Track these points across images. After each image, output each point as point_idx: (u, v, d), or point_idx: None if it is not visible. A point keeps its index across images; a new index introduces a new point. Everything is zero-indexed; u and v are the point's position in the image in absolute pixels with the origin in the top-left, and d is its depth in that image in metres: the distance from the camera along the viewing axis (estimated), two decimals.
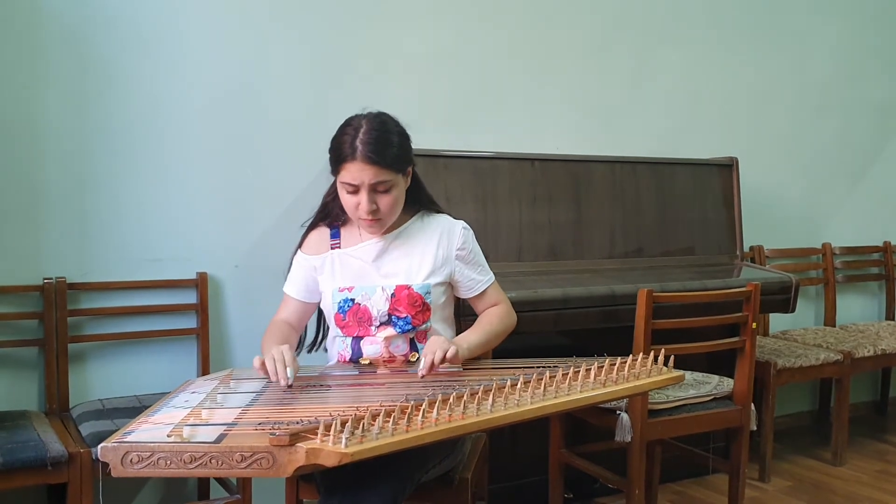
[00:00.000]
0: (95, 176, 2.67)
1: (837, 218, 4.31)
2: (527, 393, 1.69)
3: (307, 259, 2.11)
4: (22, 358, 2.62)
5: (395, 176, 1.95)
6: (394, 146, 1.94)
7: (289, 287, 2.14)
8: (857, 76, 4.30)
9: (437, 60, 3.20)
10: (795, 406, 4.22)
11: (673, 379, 1.90)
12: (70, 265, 2.65)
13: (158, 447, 1.43)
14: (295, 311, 2.12)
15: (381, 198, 1.95)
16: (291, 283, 2.13)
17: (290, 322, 2.11)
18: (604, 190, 3.24)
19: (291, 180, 2.94)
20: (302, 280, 2.11)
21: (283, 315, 2.12)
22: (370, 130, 1.92)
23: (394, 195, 1.96)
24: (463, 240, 2.09)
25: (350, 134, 1.93)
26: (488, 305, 2.14)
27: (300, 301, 2.12)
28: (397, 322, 2.01)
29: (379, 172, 1.91)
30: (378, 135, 1.92)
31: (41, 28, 2.57)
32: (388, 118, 2.00)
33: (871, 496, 3.31)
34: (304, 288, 2.11)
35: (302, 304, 2.12)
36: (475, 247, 2.13)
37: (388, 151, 1.92)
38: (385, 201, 1.95)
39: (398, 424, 1.49)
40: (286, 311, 2.13)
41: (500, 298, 2.16)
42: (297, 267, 2.13)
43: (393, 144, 1.94)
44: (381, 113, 2.00)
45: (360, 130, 1.92)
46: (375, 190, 1.93)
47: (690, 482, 3.38)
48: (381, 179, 1.92)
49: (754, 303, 2.69)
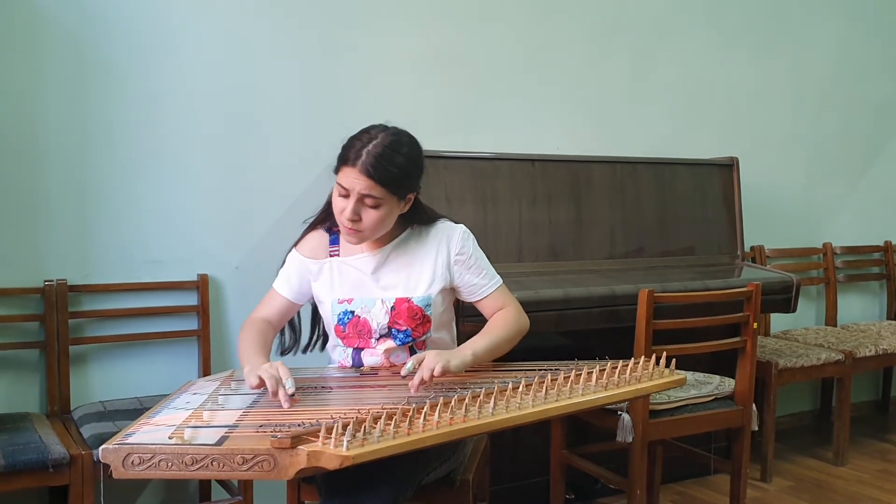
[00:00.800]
0: (96, 178, 2.67)
1: (838, 217, 4.31)
2: (528, 396, 1.69)
3: (303, 261, 2.07)
4: (23, 360, 2.62)
5: (387, 196, 1.90)
6: (395, 167, 1.89)
7: (280, 284, 2.08)
8: (857, 75, 4.30)
9: (437, 60, 3.20)
10: (797, 406, 4.22)
11: (674, 382, 1.90)
12: (71, 267, 2.65)
13: (160, 449, 1.43)
14: (279, 309, 2.07)
15: (367, 211, 1.91)
16: (283, 280, 2.08)
17: (271, 321, 2.05)
18: (604, 190, 3.24)
19: (292, 182, 2.94)
20: (296, 280, 2.07)
21: (265, 312, 2.06)
22: (380, 145, 1.88)
23: (380, 213, 1.91)
24: (462, 244, 2.05)
25: (362, 140, 1.90)
26: (495, 310, 2.08)
27: (288, 300, 2.07)
28: (397, 335, 1.99)
29: (371, 187, 1.87)
30: (385, 151, 1.88)
31: (41, 31, 2.57)
32: (406, 140, 1.95)
33: (872, 496, 3.30)
34: (297, 288, 2.07)
35: (289, 304, 2.08)
36: (476, 251, 2.08)
37: (388, 171, 1.88)
38: (370, 216, 1.91)
39: (399, 427, 1.49)
40: (269, 309, 2.07)
41: (507, 302, 2.09)
42: (291, 265, 2.08)
43: (395, 165, 1.89)
44: (401, 132, 1.95)
45: (371, 141, 1.89)
46: (363, 202, 1.90)
47: (692, 482, 3.38)
48: (372, 194, 1.88)
49: (755, 303, 2.69)
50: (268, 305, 2.08)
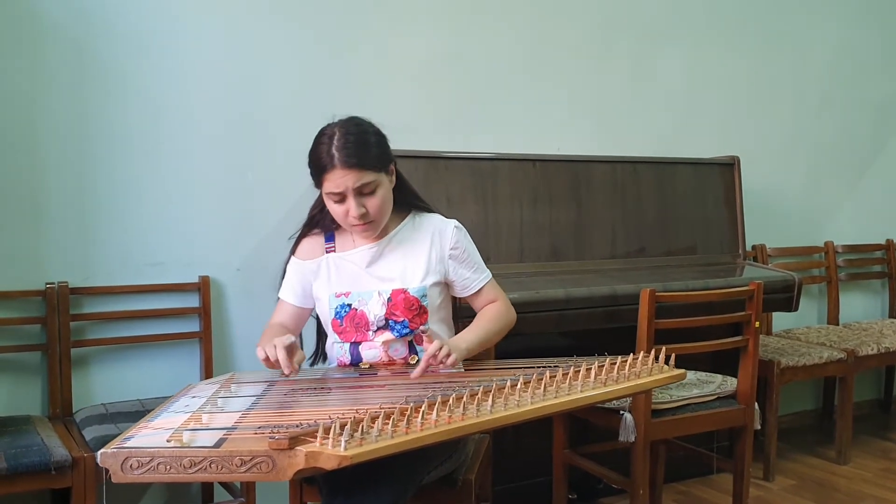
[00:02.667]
0: (97, 180, 2.68)
1: (840, 216, 4.31)
2: (527, 393, 1.68)
3: (301, 264, 2.10)
4: (25, 363, 2.62)
5: (378, 175, 1.94)
6: (372, 146, 1.94)
7: (284, 292, 2.12)
8: (858, 74, 4.29)
9: (437, 61, 3.20)
10: (799, 405, 4.22)
11: (674, 377, 1.89)
12: (72, 270, 2.65)
13: (158, 452, 1.42)
14: (291, 316, 2.11)
15: (369, 200, 1.94)
16: (286, 288, 2.12)
17: (287, 325, 2.09)
18: (605, 190, 3.23)
19: (292, 183, 2.93)
20: (298, 284, 2.10)
21: (279, 319, 2.10)
22: (345, 135, 1.91)
23: (380, 195, 1.95)
24: (455, 239, 2.08)
25: (325, 143, 1.92)
26: (485, 303, 2.13)
27: (295, 306, 2.11)
28: (395, 326, 2.01)
29: (361, 175, 1.90)
30: (355, 138, 1.91)
31: (42, 33, 2.58)
32: (362, 120, 1.99)
33: (875, 494, 3.30)
34: (301, 292, 2.10)
35: (297, 309, 2.11)
36: (469, 245, 2.12)
37: (368, 152, 1.92)
38: (373, 203, 1.94)
39: (397, 426, 1.48)
40: (282, 316, 2.11)
41: (497, 295, 2.14)
42: (291, 273, 2.12)
43: (371, 144, 1.94)
44: (352, 117, 1.99)
45: (334, 138, 1.91)
46: (361, 193, 1.92)
47: (694, 482, 3.38)
48: (365, 181, 1.91)
49: (757, 302, 2.69)
50: (279, 314, 2.12)
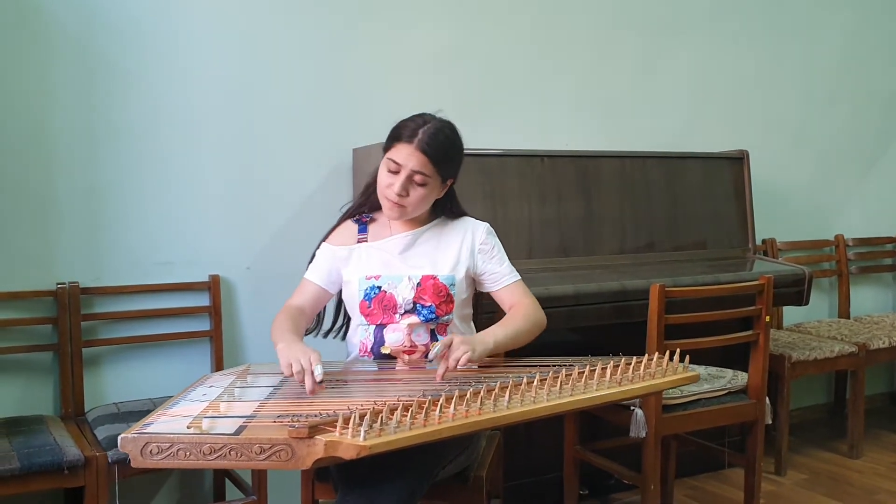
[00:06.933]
0: (106, 181, 2.68)
1: (849, 209, 4.29)
2: (542, 390, 1.69)
3: (333, 249, 2.14)
4: (37, 363, 2.63)
5: (434, 175, 2.01)
6: (450, 153, 2.03)
7: (311, 273, 2.15)
8: (866, 67, 4.27)
9: (444, 57, 3.20)
10: (810, 399, 4.21)
11: (688, 379, 1.89)
12: (83, 270, 2.66)
13: (178, 438, 1.44)
14: (312, 297, 2.13)
15: (414, 188, 2.01)
16: (314, 269, 2.15)
17: (304, 309, 2.10)
18: (614, 185, 3.23)
19: (301, 182, 2.95)
20: (325, 268, 2.13)
21: (298, 301, 2.12)
22: (438, 130, 2.01)
23: (425, 191, 2.02)
24: (485, 236, 2.15)
25: (418, 122, 2.02)
26: (513, 302, 2.14)
27: (319, 287, 2.13)
28: (421, 311, 2.04)
29: (424, 164, 1.98)
30: (444, 137, 2.01)
31: (49, 36, 2.58)
32: (454, 128, 2.07)
33: (888, 488, 3.29)
34: (326, 276, 2.13)
35: (320, 291, 2.13)
36: (498, 244, 2.18)
37: (444, 154, 2.01)
38: (416, 193, 2.01)
39: (416, 419, 1.50)
40: (302, 297, 2.13)
41: (527, 296, 2.16)
42: (321, 256, 2.15)
43: (451, 151, 2.03)
44: (453, 123, 2.08)
45: (428, 124, 2.01)
46: (412, 179, 2.00)
47: (706, 477, 3.38)
48: (422, 171, 1.99)
49: (767, 296, 2.68)
50: (300, 294, 2.14)
